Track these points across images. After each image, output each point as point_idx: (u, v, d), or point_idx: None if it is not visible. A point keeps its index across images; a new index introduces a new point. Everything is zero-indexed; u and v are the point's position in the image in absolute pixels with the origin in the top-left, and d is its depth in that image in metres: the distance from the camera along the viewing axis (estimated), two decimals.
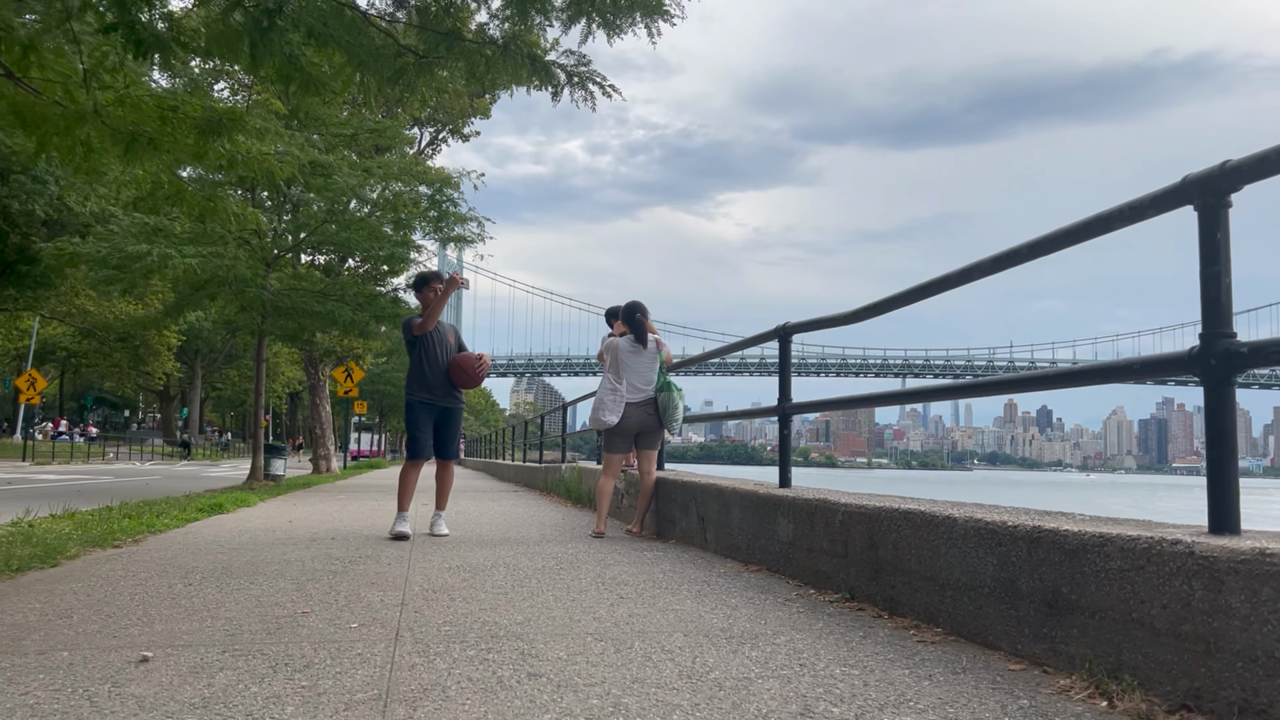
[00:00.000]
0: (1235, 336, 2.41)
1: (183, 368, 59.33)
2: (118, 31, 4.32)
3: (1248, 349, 2.35)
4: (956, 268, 3.64)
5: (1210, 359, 2.41)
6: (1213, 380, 2.41)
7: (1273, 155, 2.32)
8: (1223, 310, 2.42)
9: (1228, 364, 2.38)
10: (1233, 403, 2.41)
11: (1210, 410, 2.44)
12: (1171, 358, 2.60)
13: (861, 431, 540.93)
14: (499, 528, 7.41)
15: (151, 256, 10.54)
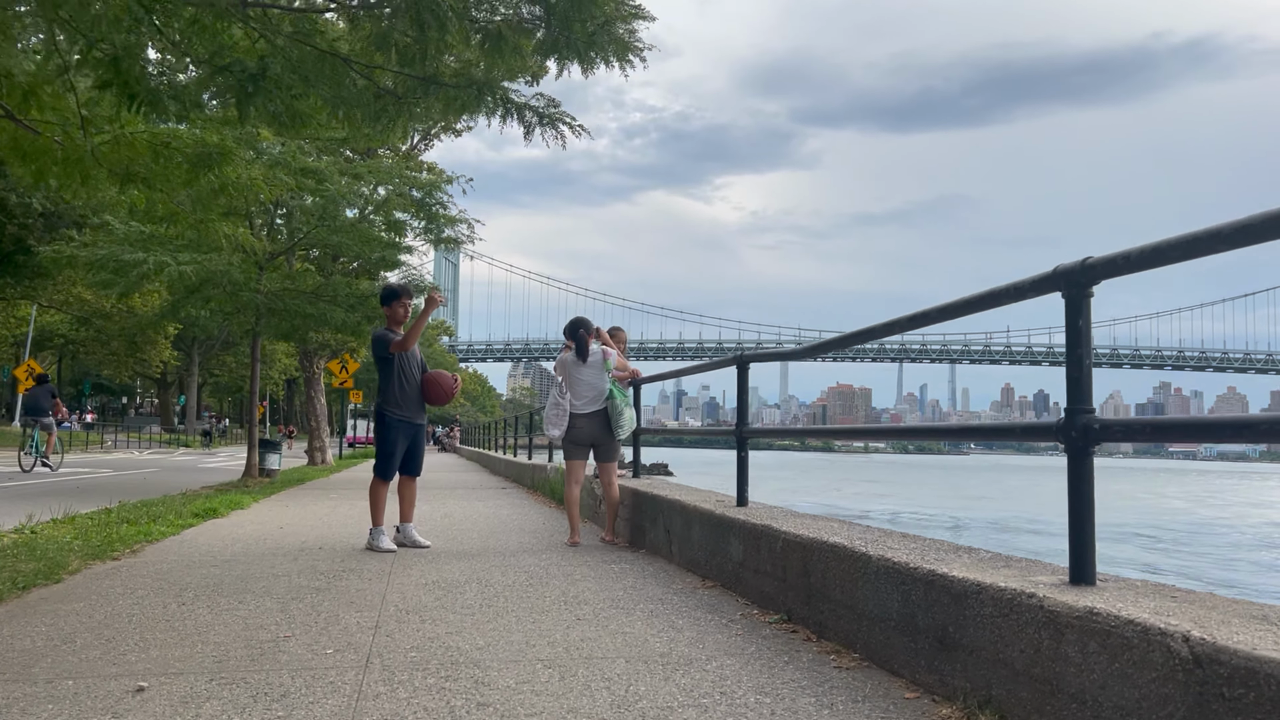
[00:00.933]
0: (1094, 412, 2.75)
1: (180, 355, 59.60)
2: (113, 89, 4.62)
3: (1101, 425, 2.70)
4: (881, 321, 3.99)
5: (1072, 431, 2.76)
6: (1074, 450, 2.76)
7: (1133, 255, 2.66)
8: (1083, 388, 2.76)
9: (1086, 436, 2.73)
10: (1091, 469, 2.76)
11: (1072, 474, 2.78)
12: (1043, 425, 2.95)
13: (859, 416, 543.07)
14: (480, 534, 7.76)
15: (147, 264, 10.87)
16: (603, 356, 7.16)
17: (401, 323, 6.96)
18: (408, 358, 6.84)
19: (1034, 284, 3.00)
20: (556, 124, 5.89)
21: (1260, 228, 2.18)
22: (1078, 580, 2.74)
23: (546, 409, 7.26)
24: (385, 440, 6.79)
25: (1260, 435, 2.14)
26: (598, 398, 7.14)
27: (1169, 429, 2.59)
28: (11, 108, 5.39)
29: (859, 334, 4.27)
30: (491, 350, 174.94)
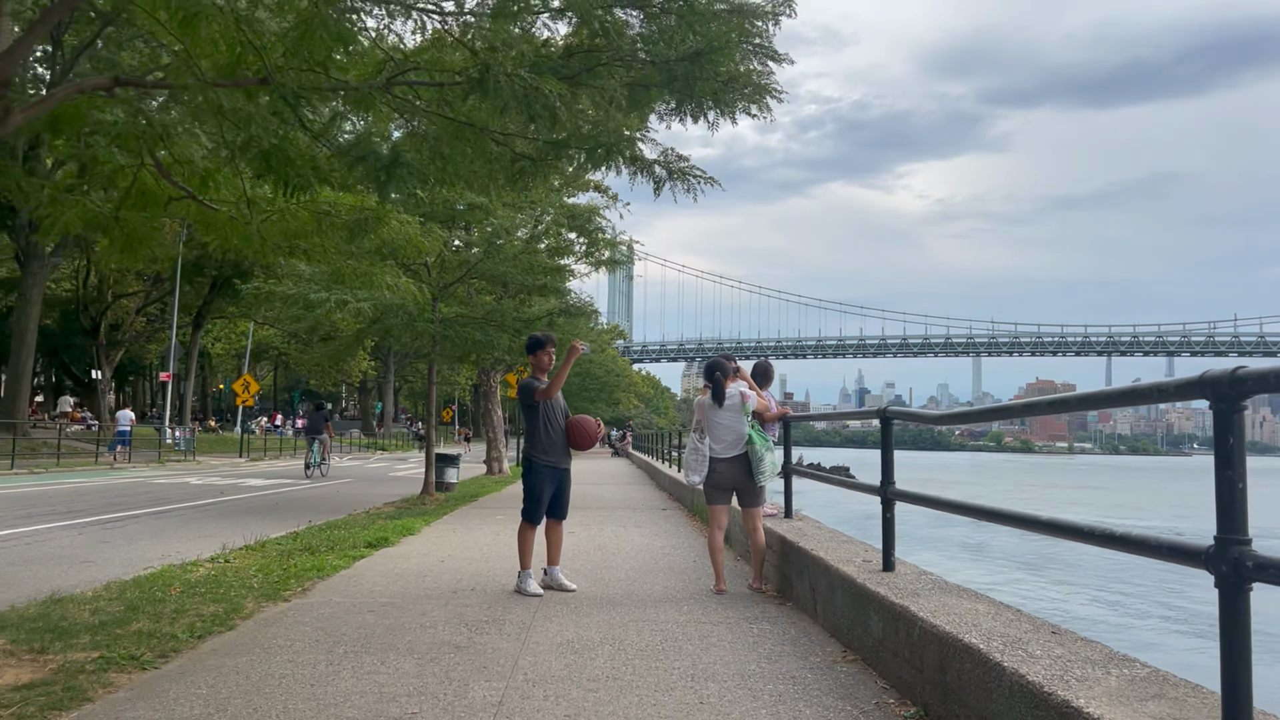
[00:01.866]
0: (1250, 544, 2.40)
1: (378, 364, 63.84)
2: (269, 176, 4.96)
3: (1256, 564, 2.35)
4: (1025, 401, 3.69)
5: (1222, 564, 2.42)
6: (1225, 587, 2.42)
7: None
8: (1236, 514, 2.42)
9: (1239, 573, 2.39)
10: (1247, 611, 2.42)
11: (1224, 615, 2.44)
12: (1189, 548, 2.60)
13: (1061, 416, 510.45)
14: (627, 575, 7.80)
15: (330, 302, 11.71)
16: (740, 399, 7.03)
17: (546, 370, 7.12)
18: (552, 404, 6.99)
19: (1179, 389, 2.68)
20: (686, 178, 5.83)
21: None
22: None
23: (686, 453, 7.22)
24: (532, 486, 6.94)
25: None
26: (737, 441, 7.01)
27: None
28: (193, 189, 5.89)
29: (998, 410, 3.98)
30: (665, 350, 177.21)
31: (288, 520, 12.32)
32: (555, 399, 7.03)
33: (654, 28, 5.30)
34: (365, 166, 4.78)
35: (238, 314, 44.66)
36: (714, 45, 4.78)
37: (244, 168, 5.37)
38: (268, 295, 13.69)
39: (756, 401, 7.20)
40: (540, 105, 4.28)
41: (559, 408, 7.09)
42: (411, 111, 5.17)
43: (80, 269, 42.03)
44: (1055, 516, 3.51)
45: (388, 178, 4.72)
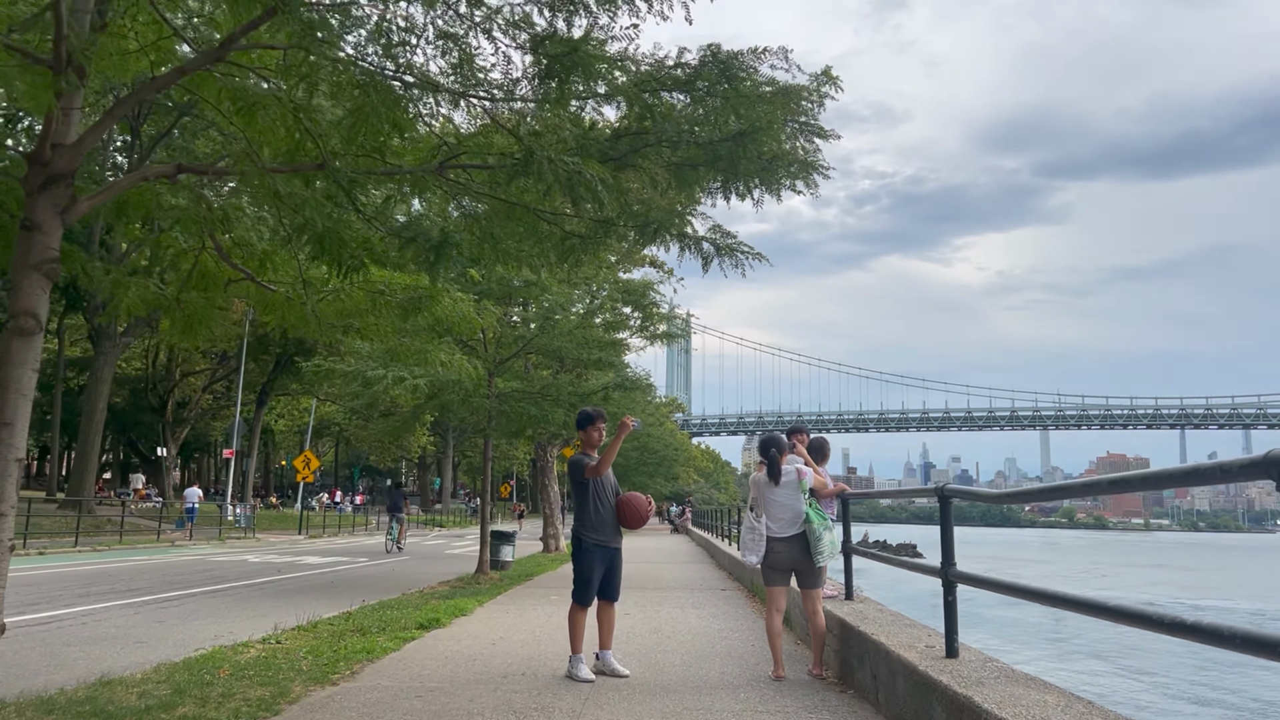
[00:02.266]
0: None
1: (436, 439, 64.50)
2: (322, 258, 5.06)
3: None
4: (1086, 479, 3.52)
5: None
6: None
7: None
8: None
9: None
10: None
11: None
12: (1269, 641, 2.42)
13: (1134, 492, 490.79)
14: (682, 660, 7.58)
15: (387, 379, 11.88)
16: (797, 476, 6.84)
17: (596, 446, 7.05)
18: (602, 482, 6.89)
19: (1242, 468, 2.55)
20: (734, 253, 5.82)
21: None
22: None
23: (742, 533, 7.04)
24: (581, 565, 6.79)
25: None
26: (795, 520, 6.81)
27: None
28: (252, 271, 6.05)
29: (1058, 489, 3.81)
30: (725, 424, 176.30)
31: (342, 599, 12.32)
32: (606, 476, 6.92)
33: (699, 110, 5.36)
34: (416, 247, 4.86)
35: (300, 391, 45.69)
36: (757, 126, 4.81)
37: (299, 250, 5.50)
38: (328, 372, 13.96)
39: (813, 478, 7.01)
40: (583, 188, 4.33)
41: (609, 485, 6.98)
42: (463, 193, 5.26)
43: (150, 348, 43.53)
44: (1122, 603, 3.31)
45: (437, 258, 4.79)
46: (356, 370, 12.66)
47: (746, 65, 5.22)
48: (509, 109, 5.22)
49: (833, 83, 5.70)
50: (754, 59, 5.27)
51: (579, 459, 6.94)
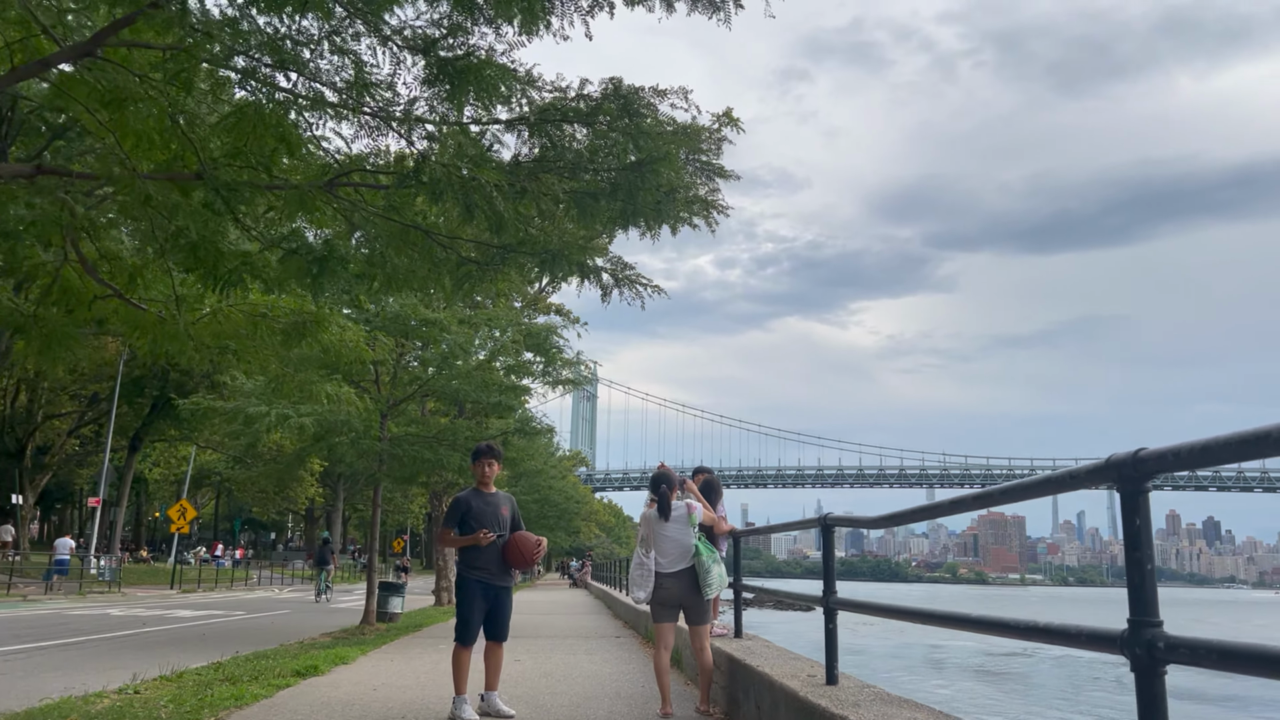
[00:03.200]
0: (1160, 625, 2.33)
1: (325, 490, 62.30)
2: (197, 271, 4.88)
3: (1168, 644, 2.28)
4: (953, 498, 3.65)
5: (1137, 647, 2.34)
6: (1140, 668, 2.34)
7: (1183, 451, 2.29)
8: (1148, 597, 2.37)
9: (1151, 656, 2.31)
10: (1163, 693, 2.35)
11: (1141, 698, 2.35)
12: (1102, 634, 2.56)
13: (1013, 546, 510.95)
14: (571, 702, 7.42)
15: (270, 417, 11.43)
16: (687, 511, 6.86)
17: (484, 482, 6.78)
18: (487, 516, 6.59)
19: (1089, 474, 2.70)
20: (634, 284, 5.88)
21: None
22: None
23: (631, 569, 6.97)
24: (461, 602, 6.56)
25: None
26: (684, 555, 6.80)
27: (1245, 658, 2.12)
28: (120, 287, 5.78)
29: (927, 509, 3.94)
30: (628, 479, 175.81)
31: (213, 651, 11.65)
32: (495, 509, 6.67)
33: (601, 142, 5.43)
34: (298, 261, 4.72)
35: (178, 437, 43.51)
36: (655, 156, 4.90)
37: (173, 265, 5.29)
38: (207, 411, 13.37)
39: (704, 514, 7.03)
40: (479, 197, 4.30)
41: (496, 519, 6.67)
42: (354, 213, 5.17)
43: (8, 388, 40.68)
44: (983, 614, 3.42)
45: (320, 271, 4.66)
46: (237, 408, 12.14)
47: (648, 102, 5.33)
48: (403, 130, 5.18)
49: (733, 124, 5.87)
50: (655, 96, 5.39)
51: (458, 500, 6.71)
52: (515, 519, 6.85)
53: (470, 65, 4.64)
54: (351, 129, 5.15)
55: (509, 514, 6.80)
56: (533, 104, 5.16)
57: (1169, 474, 2.40)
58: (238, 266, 4.84)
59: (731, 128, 5.93)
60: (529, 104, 5.21)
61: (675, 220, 5.74)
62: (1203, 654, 2.24)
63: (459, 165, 4.25)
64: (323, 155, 5.36)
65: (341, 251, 4.79)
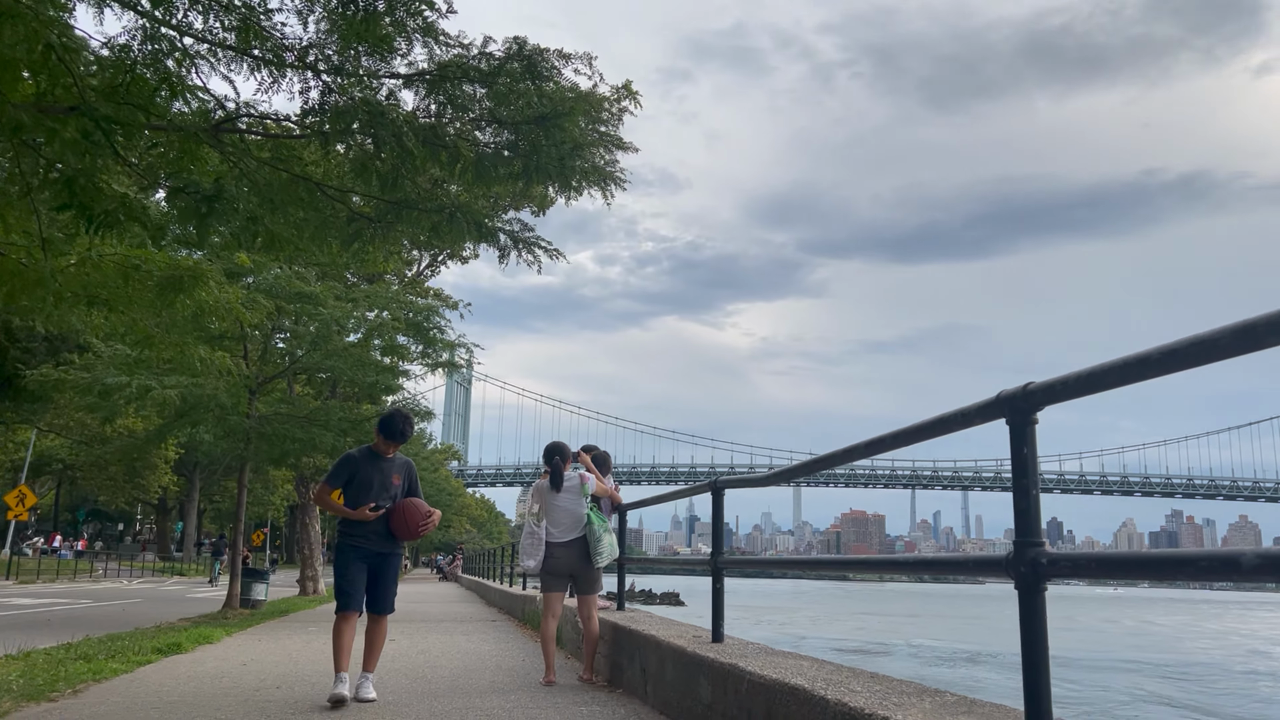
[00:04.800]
0: (1043, 545, 2.54)
1: (181, 480, 59.19)
2: (71, 209, 4.62)
3: (1050, 560, 2.49)
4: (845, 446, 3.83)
5: (1021, 566, 2.55)
6: (1024, 585, 2.54)
7: (1071, 380, 2.50)
8: (1032, 520, 2.57)
9: (1035, 572, 2.52)
10: (1043, 607, 2.54)
11: (1024, 612, 2.55)
12: (992, 559, 2.74)
13: (872, 544, 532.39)
14: (452, 673, 7.37)
15: (131, 388, 10.81)
16: (580, 481, 6.92)
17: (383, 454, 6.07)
18: (375, 480, 5.99)
19: (979, 410, 2.86)
20: (532, 248, 5.89)
21: (1186, 353, 2.06)
22: None
23: (522, 539, 6.99)
24: (338, 568, 6.01)
25: (1199, 572, 1.97)
26: (575, 525, 6.86)
27: (1116, 565, 2.37)
28: None
29: (821, 460, 4.10)
30: (501, 475, 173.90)
31: (61, 635, 10.94)
32: (388, 477, 6.05)
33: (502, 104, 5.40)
34: (185, 199, 4.52)
35: (17, 419, 40.49)
36: (559, 111, 4.92)
37: (41, 205, 4.98)
38: (58, 384, 12.51)
39: (596, 484, 7.11)
40: (387, 131, 4.22)
41: (386, 483, 6.03)
42: (242, 159, 4.99)
43: None
44: (872, 557, 3.62)
45: (209, 211, 4.46)
46: (94, 379, 11.42)
47: (552, 65, 5.33)
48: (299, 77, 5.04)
49: (632, 97, 5.95)
50: (560, 60, 5.39)
51: (344, 458, 6.09)
52: (412, 488, 6.24)
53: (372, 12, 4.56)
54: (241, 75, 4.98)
55: (403, 482, 6.17)
56: (433, 58, 5.10)
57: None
58: (116, 208, 4.59)
59: (631, 100, 6.02)
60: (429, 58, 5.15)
61: (578, 182, 5.77)
62: (1082, 565, 2.46)
63: (365, 98, 4.17)
64: (208, 100, 5.16)
65: (232, 192, 4.61)
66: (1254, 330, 1.91)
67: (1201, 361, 2.06)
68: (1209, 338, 2.02)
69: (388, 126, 4.26)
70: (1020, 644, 2.52)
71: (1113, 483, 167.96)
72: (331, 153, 5.45)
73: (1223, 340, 1.98)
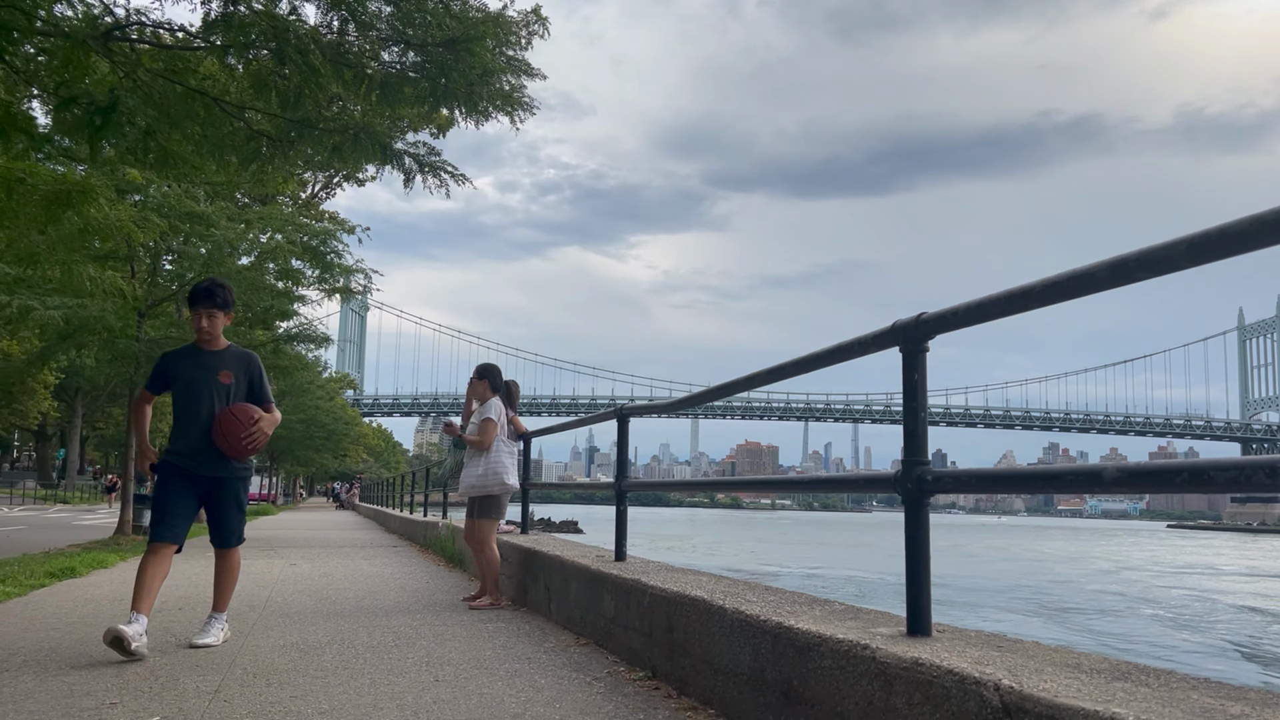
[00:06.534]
0: (929, 464, 2.81)
1: (62, 406, 56.57)
2: None
3: (934, 477, 2.75)
4: (747, 374, 4.04)
5: (908, 482, 2.80)
6: (910, 500, 2.80)
7: (961, 310, 2.74)
8: (919, 441, 2.82)
9: (920, 487, 2.77)
10: (926, 520, 2.80)
11: (909, 525, 2.82)
12: (882, 477, 3.00)
13: (765, 472, 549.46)
14: (358, 594, 7.47)
15: (11, 308, 10.30)
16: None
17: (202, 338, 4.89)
18: (199, 380, 4.79)
19: (875, 338, 3.07)
20: (438, 172, 5.86)
21: (1065, 285, 2.28)
22: (914, 631, 2.76)
23: (497, 457, 6.82)
24: (155, 489, 4.87)
25: (1066, 486, 2.22)
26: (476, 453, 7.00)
27: (993, 480, 2.66)
28: None
29: (722, 388, 4.31)
30: (399, 404, 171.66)
31: None
32: (214, 375, 4.81)
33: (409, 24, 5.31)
34: (80, 110, 4.34)
35: None
36: (471, 35, 4.88)
37: None
38: None
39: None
40: (291, 47, 4.14)
41: (211, 384, 4.80)
42: (134, 70, 4.80)
43: None
44: (776, 477, 3.87)
45: (104, 122, 4.30)
46: None
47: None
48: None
49: (542, 23, 5.91)
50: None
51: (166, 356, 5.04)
52: (253, 388, 4.99)
53: None
54: None
55: (235, 381, 4.89)
56: None
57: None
58: (2, 117, 4.38)
59: (540, 25, 6.00)
60: None
61: (484, 107, 5.75)
62: (963, 480, 2.73)
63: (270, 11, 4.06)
64: (95, 4, 4.92)
65: (129, 104, 4.44)
66: (1125, 265, 2.13)
67: (1080, 293, 2.26)
68: (1086, 271, 2.23)
69: (292, 42, 4.17)
70: (905, 555, 2.80)
71: (995, 417, 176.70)
72: (230, 68, 5.29)
73: (1099, 274, 2.20)
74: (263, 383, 5.07)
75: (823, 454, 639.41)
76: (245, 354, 5.08)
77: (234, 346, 5.08)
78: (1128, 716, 1.72)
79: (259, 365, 5.11)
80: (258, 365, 5.09)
